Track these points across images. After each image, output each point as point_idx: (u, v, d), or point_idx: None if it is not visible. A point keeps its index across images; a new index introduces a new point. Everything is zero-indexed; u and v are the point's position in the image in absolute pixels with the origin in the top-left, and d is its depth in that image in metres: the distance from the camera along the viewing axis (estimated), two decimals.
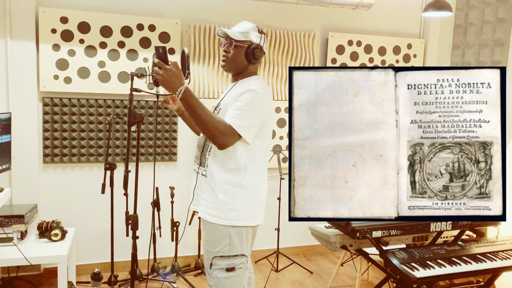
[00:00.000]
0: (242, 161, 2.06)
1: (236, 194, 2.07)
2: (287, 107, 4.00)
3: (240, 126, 1.96)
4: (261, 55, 2.14)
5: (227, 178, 2.07)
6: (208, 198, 2.12)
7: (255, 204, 2.14)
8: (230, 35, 2.11)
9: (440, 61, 4.40)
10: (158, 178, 3.74)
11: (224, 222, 2.07)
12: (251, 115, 1.99)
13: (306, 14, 4.01)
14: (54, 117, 3.42)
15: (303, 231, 4.23)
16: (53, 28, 3.32)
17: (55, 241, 3.07)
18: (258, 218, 2.17)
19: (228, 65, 2.16)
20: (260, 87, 2.04)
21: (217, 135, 1.92)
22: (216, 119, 1.93)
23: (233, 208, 2.07)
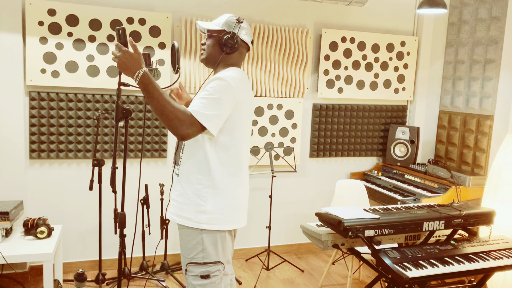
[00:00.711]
0: (215, 161, 1.94)
1: (208, 196, 1.95)
2: (279, 104, 3.95)
3: (202, 115, 1.81)
4: (235, 43, 2.01)
5: (199, 178, 1.95)
6: (178, 199, 2.02)
7: (230, 207, 2.00)
8: (204, 26, 2.04)
9: (434, 59, 4.38)
10: (147, 175, 3.67)
11: (194, 224, 1.96)
12: (216, 103, 1.84)
13: (299, 9, 3.96)
14: (41, 112, 3.35)
15: (295, 229, 4.19)
16: (40, 21, 3.23)
17: (41, 238, 3.00)
18: (234, 222, 2.04)
19: (204, 57, 2.08)
20: (229, 76, 1.90)
21: (176, 124, 1.77)
22: (176, 107, 1.78)
23: (203, 211, 1.95)
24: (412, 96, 4.41)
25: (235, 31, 2.02)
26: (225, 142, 1.95)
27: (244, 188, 2.09)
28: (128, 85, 2.24)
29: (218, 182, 1.96)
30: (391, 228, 2.49)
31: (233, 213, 2.03)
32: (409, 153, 4.14)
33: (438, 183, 3.66)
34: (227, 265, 2.09)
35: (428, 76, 4.39)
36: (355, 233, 2.39)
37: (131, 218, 3.51)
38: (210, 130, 1.84)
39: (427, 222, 2.57)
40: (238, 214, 2.06)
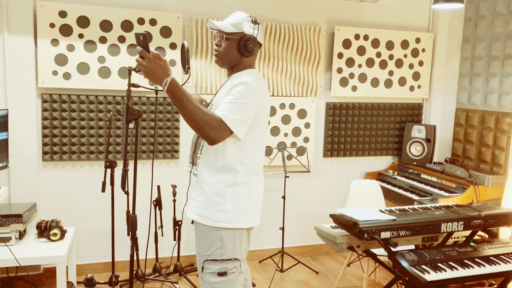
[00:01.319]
0: (234, 160, 1.96)
1: (227, 195, 1.97)
2: (292, 103, 3.90)
3: (232, 120, 1.85)
4: (255, 46, 2.02)
5: (218, 178, 1.97)
6: (198, 198, 2.03)
7: (248, 205, 2.03)
8: (221, 28, 2.00)
9: (450, 55, 4.28)
10: (160, 176, 3.65)
11: (214, 223, 1.98)
12: (243, 108, 1.87)
13: (311, 7, 3.90)
14: (53, 114, 3.35)
15: (308, 230, 4.14)
16: (52, 23, 3.23)
17: (54, 240, 3.00)
18: (251, 220, 2.05)
19: (220, 59, 2.05)
20: (252, 80, 1.93)
21: (207, 129, 1.81)
22: (206, 112, 1.82)
23: (223, 209, 1.97)
24: (428, 94, 4.31)
25: (255, 35, 2.01)
26: (244, 142, 1.97)
27: (260, 186, 2.11)
28: (138, 86, 2.22)
29: (237, 181, 1.97)
30: (408, 230, 2.43)
31: (251, 211, 2.04)
32: (425, 152, 4.05)
33: (455, 182, 3.56)
34: (243, 263, 2.10)
35: (444, 73, 4.29)
36: (371, 235, 2.33)
37: (144, 220, 3.50)
38: (238, 135, 1.89)
39: (445, 223, 2.50)
40: (255, 212, 2.08)
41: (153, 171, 3.60)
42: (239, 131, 1.88)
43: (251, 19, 2.02)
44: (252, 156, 2.01)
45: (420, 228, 2.45)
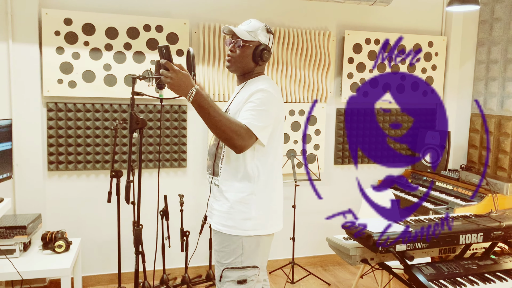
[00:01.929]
0: (255, 167, 1.97)
1: (251, 202, 1.97)
2: (301, 110, 3.81)
3: (257, 127, 1.86)
4: (269, 56, 2.05)
5: (241, 186, 1.97)
6: (221, 209, 2.01)
7: (271, 211, 2.04)
8: (238, 34, 1.99)
9: (464, 59, 4.16)
10: (167, 185, 3.58)
11: (239, 232, 1.98)
12: (265, 115, 1.89)
13: (321, 11, 3.81)
14: (59, 122, 3.30)
15: (320, 240, 4.03)
16: (57, 30, 3.19)
17: (59, 252, 2.94)
18: (275, 226, 2.07)
19: (233, 65, 2.04)
20: (270, 87, 1.95)
21: (234, 138, 1.81)
22: (232, 121, 1.83)
23: (249, 217, 1.97)
24: (442, 99, 4.19)
25: (270, 44, 2.04)
26: (265, 149, 1.98)
27: (280, 191, 2.12)
28: (142, 95, 2.15)
29: (260, 187, 1.99)
30: (424, 242, 2.32)
31: (274, 217, 2.07)
32: (440, 159, 3.93)
33: (472, 190, 3.44)
34: (262, 272, 2.09)
35: (458, 77, 4.17)
36: (385, 248, 2.23)
37: (151, 231, 3.42)
38: (262, 141, 1.91)
39: (464, 235, 2.39)
40: (278, 217, 2.10)
41: (160, 180, 3.54)
42: (263, 138, 1.90)
43: (266, 28, 2.03)
44: (272, 162, 2.02)
45: (438, 240, 2.34)
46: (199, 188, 3.64)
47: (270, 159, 2.01)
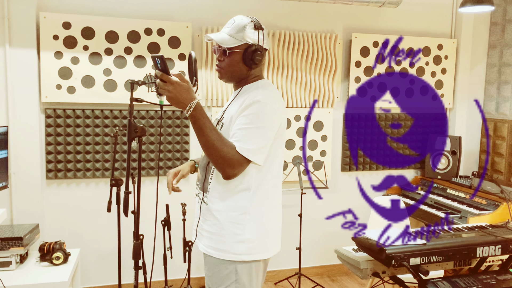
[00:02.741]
0: (251, 184, 1.75)
1: (245, 223, 1.75)
2: (307, 115, 3.70)
3: (249, 151, 1.65)
4: (262, 57, 1.78)
5: (234, 205, 1.75)
6: (211, 230, 1.80)
7: (268, 232, 1.81)
8: (220, 43, 1.76)
9: (475, 62, 4.04)
10: (169, 194, 3.46)
11: (231, 257, 1.75)
12: (260, 133, 1.67)
13: (327, 13, 3.70)
14: (57, 129, 3.20)
15: (326, 249, 3.90)
16: (55, 34, 3.09)
17: (56, 264, 2.83)
18: (271, 249, 1.84)
19: (225, 76, 1.82)
20: (266, 96, 1.71)
21: (224, 165, 1.65)
22: (225, 144, 1.64)
23: (242, 240, 1.74)
24: (452, 103, 4.07)
25: (260, 42, 1.76)
26: (264, 164, 1.77)
27: (279, 210, 1.90)
28: (141, 101, 2.05)
29: (256, 206, 1.76)
30: (439, 255, 2.20)
31: (272, 239, 1.84)
32: (451, 165, 3.80)
33: (486, 198, 3.30)
34: None
35: (469, 81, 4.05)
36: (399, 262, 2.11)
37: (152, 241, 3.30)
38: (258, 162, 1.70)
39: (481, 247, 2.26)
40: (276, 239, 1.88)
41: (162, 188, 3.43)
42: (258, 159, 1.69)
43: (253, 24, 1.77)
44: (271, 178, 1.80)
45: (454, 253, 2.22)
46: None
47: (269, 174, 1.79)
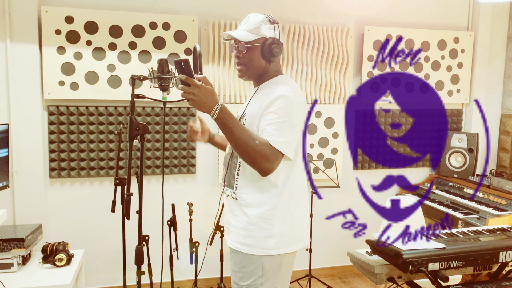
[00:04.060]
0: (277, 179, 1.77)
1: (273, 218, 1.77)
2: (318, 111, 3.57)
3: (282, 144, 1.66)
4: (280, 50, 1.79)
5: (262, 200, 1.78)
6: (239, 225, 1.82)
7: (296, 226, 1.84)
8: (239, 38, 1.77)
9: (493, 56, 3.88)
10: (175, 193, 3.37)
11: (260, 252, 1.77)
12: (289, 126, 1.69)
13: (338, 6, 3.56)
14: (61, 127, 3.11)
15: (338, 250, 3.78)
16: (58, 29, 3.00)
17: (59, 266, 2.74)
18: (299, 242, 1.87)
19: (246, 73, 1.83)
20: (290, 91, 1.73)
21: (261, 161, 1.63)
22: (258, 140, 1.65)
23: (270, 235, 1.77)
24: (468, 99, 3.91)
25: (276, 36, 1.80)
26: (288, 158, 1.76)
27: (306, 204, 1.94)
28: (144, 97, 1.94)
29: (283, 201, 1.79)
30: (460, 260, 2.07)
31: (299, 233, 1.88)
32: (467, 163, 3.65)
33: (505, 198, 3.16)
34: None
35: (487, 76, 3.89)
36: (416, 267, 1.99)
37: (158, 241, 3.21)
38: (290, 156, 1.71)
39: (505, 252, 2.13)
40: (303, 232, 1.92)
41: (168, 187, 3.33)
42: (290, 153, 1.70)
43: (268, 19, 1.81)
44: (297, 172, 1.82)
45: (475, 258, 2.09)
46: (209, 196, 3.42)
47: (294, 169, 1.80)
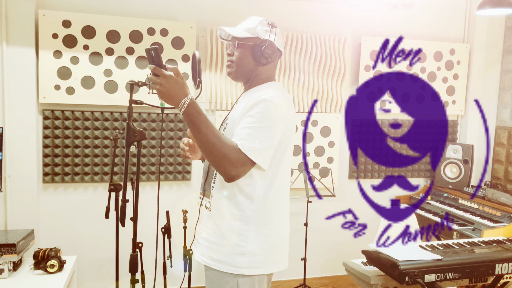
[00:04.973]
0: (257, 192, 1.63)
1: (248, 234, 1.64)
2: (314, 120, 3.57)
3: (252, 150, 1.53)
4: (273, 52, 1.70)
5: (237, 214, 1.64)
6: (211, 238, 1.69)
7: (273, 246, 1.70)
8: (231, 33, 1.70)
9: (488, 68, 3.90)
10: (169, 199, 3.35)
11: (231, 270, 1.64)
12: (265, 133, 1.55)
13: (336, 16, 3.58)
14: (55, 131, 3.08)
15: (332, 260, 3.76)
16: (55, 33, 2.99)
17: (51, 273, 2.70)
18: (276, 264, 1.73)
19: (234, 71, 1.74)
20: (275, 96, 1.60)
21: (225, 165, 1.51)
22: (225, 143, 1.52)
23: (243, 252, 1.63)
24: (464, 110, 3.93)
25: (271, 39, 1.71)
26: (269, 169, 1.64)
27: (286, 221, 1.79)
28: (141, 103, 1.92)
29: (261, 217, 1.65)
30: (456, 272, 2.07)
31: (276, 253, 1.73)
32: (462, 174, 3.66)
33: (500, 210, 3.16)
34: None
35: (482, 88, 3.91)
36: (413, 279, 1.98)
37: (152, 249, 3.18)
38: (262, 165, 1.57)
39: (501, 264, 2.14)
40: (281, 254, 1.76)
41: (163, 194, 3.30)
42: (262, 162, 1.56)
43: (266, 22, 1.75)
44: (278, 186, 1.68)
45: (471, 270, 2.10)
46: None
47: (277, 183, 1.68)
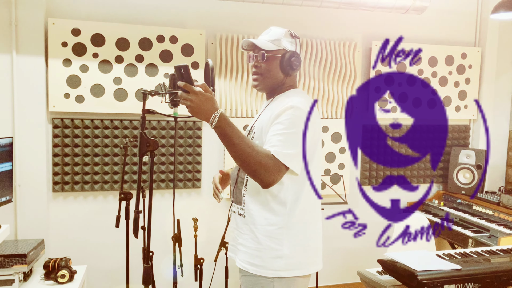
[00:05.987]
0: (289, 196, 1.68)
1: (283, 238, 1.67)
2: (325, 126, 3.53)
3: (286, 155, 1.57)
4: (299, 63, 1.76)
5: (271, 218, 1.68)
6: (248, 244, 1.73)
7: (308, 248, 1.73)
8: (260, 46, 1.73)
9: (500, 72, 3.85)
10: (179, 208, 3.31)
11: (269, 273, 1.66)
12: (296, 139, 1.61)
13: (346, 21, 3.55)
14: (65, 140, 3.06)
15: (344, 267, 3.71)
16: (64, 41, 2.97)
17: (62, 283, 2.68)
18: (312, 266, 1.75)
19: (262, 83, 1.77)
20: (302, 102, 1.66)
21: (261, 173, 1.54)
22: (259, 151, 1.55)
23: (280, 255, 1.66)
24: (476, 115, 3.88)
25: (297, 50, 1.78)
26: (301, 174, 1.69)
27: (319, 223, 1.83)
28: (154, 113, 1.91)
29: (294, 220, 1.69)
30: (476, 282, 2.02)
31: (312, 254, 1.77)
32: (476, 180, 3.60)
33: None
34: None
35: (494, 92, 3.86)
36: None
37: (162, 258, 3.15)
38: (295, 170, 1.63)
39: None
40: (315, 256, 1.79)
41: (169, 203, 3.27)
42: (296, 166, 1.61)
43: (290, 33, 1.79)
44: (309, 190, 1.73)
45: (491, 279, 2.04)
46: (215, 211, 3.36)
47: (307, 185, 1.72)
